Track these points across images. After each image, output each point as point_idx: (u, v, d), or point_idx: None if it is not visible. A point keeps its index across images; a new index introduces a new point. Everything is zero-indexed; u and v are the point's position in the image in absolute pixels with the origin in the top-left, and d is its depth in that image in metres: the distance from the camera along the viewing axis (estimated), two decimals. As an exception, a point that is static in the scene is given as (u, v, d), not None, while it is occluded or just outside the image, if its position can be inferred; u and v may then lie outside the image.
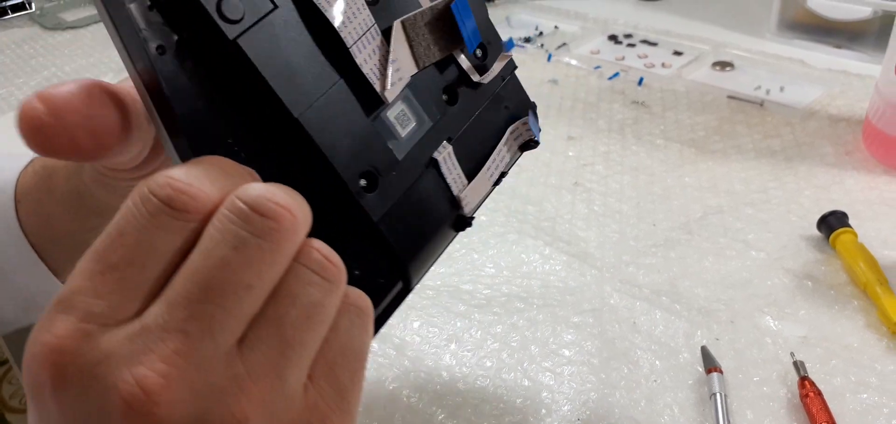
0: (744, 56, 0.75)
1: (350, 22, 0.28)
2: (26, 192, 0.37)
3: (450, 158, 0.30)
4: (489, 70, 0.31)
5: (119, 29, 0.25)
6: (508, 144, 0.32)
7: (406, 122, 0.30)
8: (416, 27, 0.30)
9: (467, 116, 0.31)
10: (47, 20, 0.97)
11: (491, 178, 0.31)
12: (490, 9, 0.93)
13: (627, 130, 0.63)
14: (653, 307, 0.44)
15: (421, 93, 0.30)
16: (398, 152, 0.29)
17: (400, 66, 0.29)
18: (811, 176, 0.55)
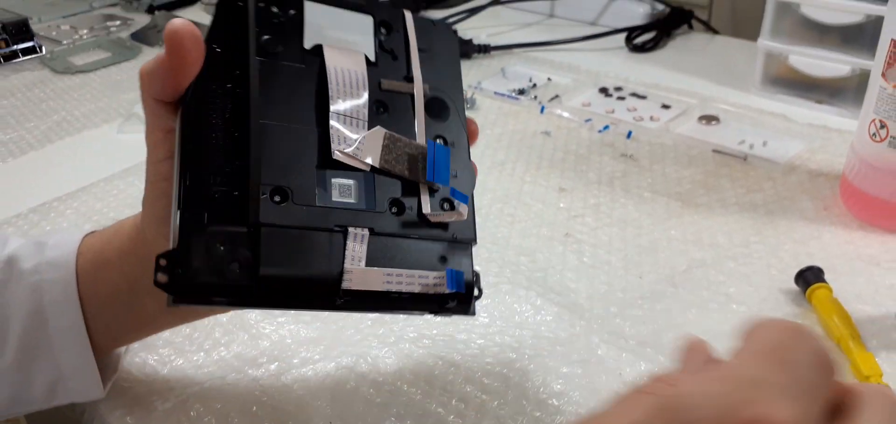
0: (729, 110, 0.79)
1: (342, 99, 0.34)
2: (83, 272, 0.40)
3: (361, 240, 0.33)
4: (441, 214, 0.35)
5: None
6: (419, 279, 0.34)
7: (346, 193, 0.34)
8: (395, 142, 0.35)
9: (400, 231, 0.34)
10: (57, 64, 1.00)
11: (386, 282, 0.33)
12: (485, 61, 0.96)
13: (616, 183, 0.66)
14: (638, 358, 0.46)
15: (375, 189, 0.34)
16: (319, 201, 0.33)
17: (361, 151, 0.34)
18: (791, 230, 0.58)
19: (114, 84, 0.94)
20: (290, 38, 0.35)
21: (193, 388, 0.44)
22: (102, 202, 0.65)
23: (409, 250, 0.34)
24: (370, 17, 0.37)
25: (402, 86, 0.36)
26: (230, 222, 0.31)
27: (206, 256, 0.30)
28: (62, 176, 0.71)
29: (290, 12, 0.35)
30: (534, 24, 1.13)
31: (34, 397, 0.41)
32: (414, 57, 0.37)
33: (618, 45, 1.01)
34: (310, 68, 0.35)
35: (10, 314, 0.39)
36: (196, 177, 0.32)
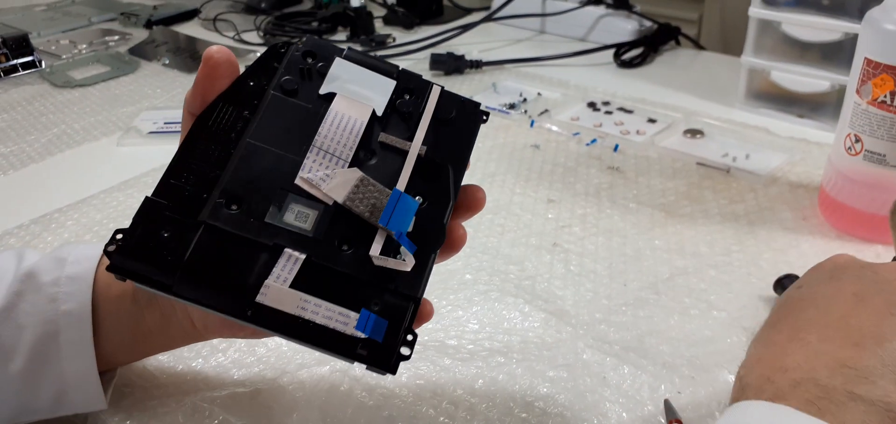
0: (713, 124, 0.81)
1: (329, 137, 0.37)
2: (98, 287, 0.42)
3: (294, 262, 0.33)
4: (385, 260, 0.34)
5: None
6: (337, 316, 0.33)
7: (302, 219, 0.35)
8: (367, 187, 0.36)
9: (343, 267, 0.33)
10: (57, 78, 1.01)
11: (299, 308, 0.32)
12: (477, 76, 0.99)
13: (603, 195, 0.68)
14: (621, 362, 0.48)
15: (331, 224, 0.35)
16: (269, 218, 0.35)
17: (327, 182, 0.35)
18: (771, 240, 0.60)
19: (113, 98, 0.95)
20: (310, 82, 0.38)
21: (192, 394, 0.46)
22: (102, 213, 0.67)
23: (343, 289, 0.33)
24: (393, 82, 0.39)
25: (397, 141, 0.37)
26: (185, 213, 0.34)
27: (147, 237, 0.34)
28: (62, 188, 0.72)
29: (319, 64, 0.39)
30: (525, 40, 1.15)
31: (39, 406, 0.42)
32: (423, 122, 0.38)
33: (606, 61, 1.04)
34: (316, 109, 0.38)
35: (25, 324, 0.40)
36: (176, 170, 0.35)
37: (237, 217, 0.34)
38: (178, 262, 0.33)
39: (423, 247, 0.35)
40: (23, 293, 0.41)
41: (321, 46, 0.40)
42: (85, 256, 0.43)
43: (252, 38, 1.18)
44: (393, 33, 1.17)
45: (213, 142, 0.36)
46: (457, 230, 0.38)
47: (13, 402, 0.41)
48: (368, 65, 0.39)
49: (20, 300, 0.41)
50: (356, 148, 0.37)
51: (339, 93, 0.38)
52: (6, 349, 0.40)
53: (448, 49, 1.04)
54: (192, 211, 0.34)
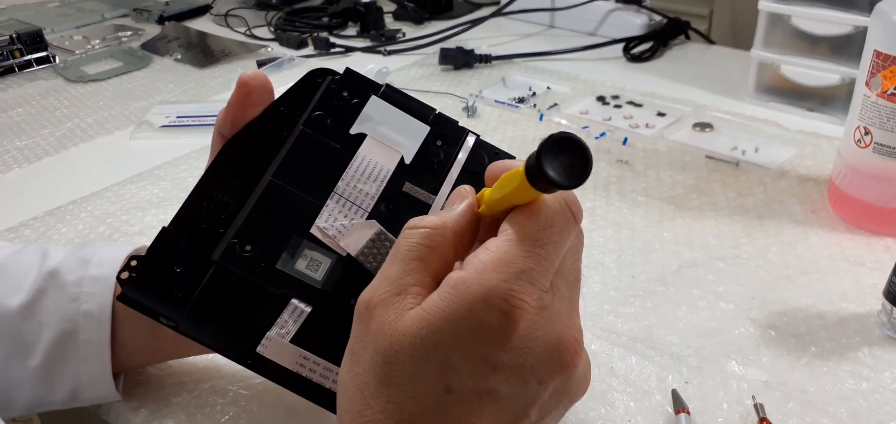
0: (723, 118, 0.81)
1: (351, 184, 0.36)
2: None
3: (299, 315, 0.34)
4: None
5: None
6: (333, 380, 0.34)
7: (313, 268, 0.35)
8: (383, 241, 0.35)
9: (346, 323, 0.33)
10: (70, 73, 1.03)
11: (298, 364, 0.34)
12: (487, 70, 0.99)
13: (612, 188, 0.68)
14: (629, 353, 0.48)
15: (342, 276, 0.35)
16: (280, 264, 0.34)
17: (342, 235, 0.35)
18: (780, 233, 0.60)
19: (125, 92, 0.96)
20: (341, 120, 0.37)
21: (206, 383, 0.46)
22: (115, 206, 0.68)
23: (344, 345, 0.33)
24: (427, 128, 0.37)
25: (420, 194, 0.37)
26: (199, 250, 0.35)
27: (161, 272, 0.34)
28: (76, 181, 0.73)
29: (354, 100, 0.37)
30: (534, 34, 1.15)
31: (55, 400, 0.43)
32: (451, 175, 0.37)
33: (616, 56, 1.04)
34: (344, 151, 0.36)
35: (46, 321, 0.41)
36: (196, 200, 0.35)
37: (249, 260, 0.34)
38: (186, 300, 0.34)
39: None
40: (46, 291, 0.42)
41: (359, 81, 0.38)
42: (109, 258, 0.43)
43: (263, 34, 1.19)
44: (403, 28, 1.17)
45: (236, 173, 0.36)
46: None
47: (29, 395, 0.42)
48: (404, 106, 0.38)
49: (43, 297, 0.42)
50: (379, 198, 0.36)
51: (369, 134, 0.37)
52: (26, 344, 0.41)
53: (458, 44, 1.04)
54: (207, 248, 0.34)
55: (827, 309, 0.51)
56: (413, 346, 0.27)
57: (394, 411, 0.27)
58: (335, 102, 0.37)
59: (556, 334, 0.28)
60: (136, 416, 0.44)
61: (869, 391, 0.44)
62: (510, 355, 0.27)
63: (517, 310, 0.27)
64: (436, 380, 0.27)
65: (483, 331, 0.27)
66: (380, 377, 0.27)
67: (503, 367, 0.27)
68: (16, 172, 0.77)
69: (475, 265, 0.27)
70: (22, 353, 0.41)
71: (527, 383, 0.27)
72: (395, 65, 1.02)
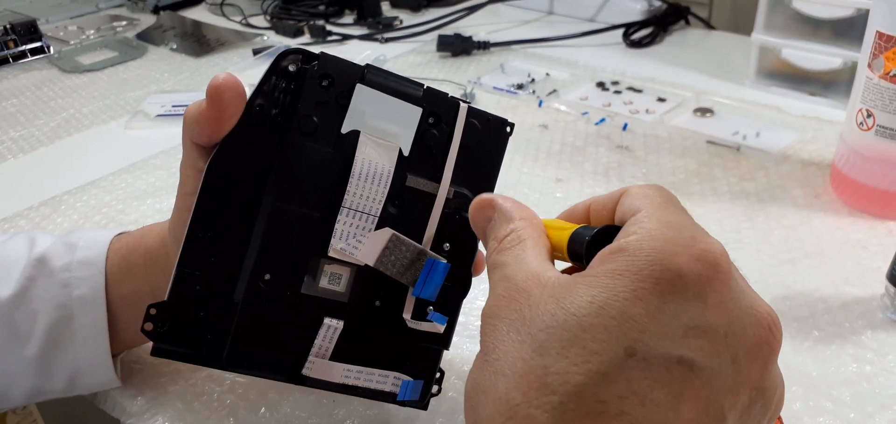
0: (724, 103, 0.80)
1: (358, 195, 0.35)
2: (110, 272, 0.42)
3: (333, 332, 0.35)
4: (419, 323, 0.36)
5: None
6: (379, 378, 0.36)
7: (335, 282, 0.35)
8: (399, 245, 0.35)
9: (376, 327, 0.35)
10: (65, 63, 1.02)
11: (343, 377, 0.35)
12: (485, 57, 0.98)
13: (612, 173, 0.68)
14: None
15: (364, 283, 0.35)
16: (305, 288, 0.34)
17: (357, 249, 0.35)
18: (782, 217, 0.60)
19: (120, 82, 0.96)
20: (329, 118, 0.34)
21: (202, 371, 0.46)
22: (111, 195, 0.67)
23: (379, 348, 0.36)
24: (419, 110, 0.35)
25: (426, 185, 0.36)
26: (218, 290, 0.34)
27: (186, 320, 0.34)
28: (71, 171, 0.72)
29: (338, 91, 0.34)
30: (533, 20, 1.14)
31: (54, 388, 0.42)
32: (450, 159, 0.36)
33: (615, 41, 1.03)
34: (339, 155, 0.34)
35: (39, 309, 0.41)
36: (197, 234, 0.34)
37: (273, 292, 0.34)
38: (221, 342, 0.34)
39: (451, 296, 0.37)
40: (35, 279, 0.41)
41: (338, 68, 0.34)
42: (95, 241, 0.43)
43: (259, 22, 1.18)
44: (400, 15, 1.16)
45: (231, 196, 0.34)
46: (476, 257, 0.39)
47: (27, 385, 0.42)
48: (391, 89, 0.35)
49: (33, 285, 0.41)
50: (386, 200, 0.35)
51: (362, 131, 0.34)
52: (21, 334, 0.41)
53: (455, 30, 1.03)
54: (224, 283, 0.34)
55: (830, 293, 0.51)
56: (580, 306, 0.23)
57: (557, 383, 0.22)
58: (319, 98, 0.34)
59: (752, 302, 0.24)
60: (133, 404, 0.44)
61: (872, 374, 0.44)
62: (707, 312, 0.23)
63: (719, 260, 0.23)
64: (614, 341, 0.22)
65: (676, 282, 0.22)
66: (537, 350, 0.23)
67: (696, 329, 0.22)
68: (11, 162, 0.76)
69: (648, 228, 0.24)
70: (17, 343, 0.41)
71: (720, 355, 0.23)
72: (392, 52, 1.02)
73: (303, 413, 0.42)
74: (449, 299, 0.37)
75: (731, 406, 0.23)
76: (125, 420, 0.44)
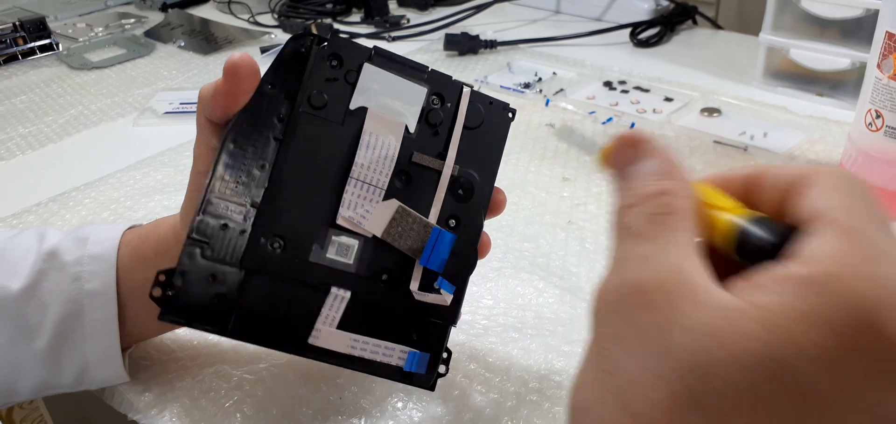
0: (731, 103, 0.80)
1: (365, 166, 0.36)
2: (121, 265, 0.43)
3: (340, 301, 0.35)
4: (426, 294, 0.36)
5: None
6: (385, 351, 0.36)
7: (343, 253, 0.35)
8: (405, 217, 0.36)
9: (386, 302, 0.36)
10: (74, 60, 1.02)
11: (350, 347, 0.35)
12: (492, 56, 0.98)
13: (619, 173, 0.67)
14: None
15: (373, 256, 0.36)
16: (313, 256, 0.35)
17: (366, 219, 0.35)
18: (789, 218, 0.60)
19: (129, 80, 0.96)
20: (339, 95, 0.36)
21: (210, 367, 0.46)
22: (119, 192, 0.68)
23: (386, 321, 0.36)
24: (425, 89, 0.37)
25: (431, 162, 0.37)
26: (228, 256, 0.34)
27: (196, 285, 0.34)
28: (80, 167, 0.73)
29: (347, 70, 0.36)
30: (539, 20, 1.14)
31: (62, 382, 0.43)
32: (455, 137, 0.37)
33: (622, 41, 1.03)
34: (347, 128, 0.36)
35: (49, 302, 0.41)
36: (210, 203, 0.35)
37: (282, 259, 0.35)
38: (229, 308, 0.34)
39: (458, 271, 0.37)
40: (46, 272, 0.41)
41: (347, 48, 0.37)
42: (107, 235, 0.43)
43: (267, 20, 1.18)
44: (407, 14, 1.16)
45: (242, 166, 0.35)
46: (482, 238, 0.39)
47: (36, 378, 0.42)
48: (398, 69, 0.37)
49: (43, 278, 0.41)
50: (392, 174, 0.36)
51: (370, 108, 0.36)
52: (31, 327, 0.41)
53: (462, 29, 1.03)
54: (236, 252, 0.34)
55: (837, 294, 0.50)
56: (750, 357, 0.17)
57: None
58: (328, 76, 0.36)
59: None
60: (140, 400, 0.44)
61: (880, 376, 0.44)
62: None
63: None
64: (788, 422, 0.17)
65: (887, 350, 0.16)
66: (680, 399, 0.17)
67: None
68: (20, 158, 0.76)
69: (850, 260, 0.18)
70: (27, 336, 0.41)
71: None
72: (399, 51, 1.01)
73: (310, 410, 0.43)
74: (455, 275, 0.37)
75: None
76: (132, 415, 0.44)
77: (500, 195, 0.40)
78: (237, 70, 0.35)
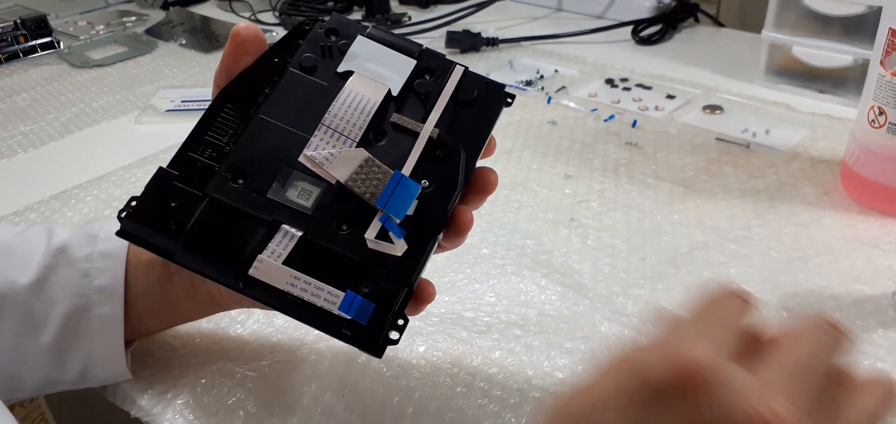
0: (733, 100, 0.80)
1: (339, 117, 0.36)
2: (130, 262, 0.43)
3: (289, 239, 0.34)
4: (379, 244, 0.34)
5: None
6: (326, 295, 0.33)
7: (304, 196, 0.35)
8: (371, 167, 0.35)
9: (337, 248, 0.34)
10: (75, 58, 1.02)
11: (289, 284, 0.33)
12: (494, 54, 0.98)
13: (621, 170, 0.67)
14: (640, 334, 0.47)
15: (332, 202, 0.35)
16: (271, 194, 0.35)
17: (329, 162, 0.35)
18: (792, 215, 0.59)
19: (130, 77, 0.96)
20: (330, 60, 0.38)
21: (213, 365, 0.46)
22: (121, 189, 0.68)
23: (335, 268, 0.34)
24: (413, 61, 0.38)
25: (409, 122, 0.37)
26: (195, 187, 0.36)
27: (156, 206, 0.35)
28: (81, 165, 0.73)
29: (341, 41, 0.39)
30: (541, 17, 1.14)
31: (66, 378, 0.42)
32: (439, 104, 0.38)
33: (624, 38, 1.02)
34: (332, 87, 0.37)
35: (57, 297, 0.41)
36: (192, 142, 0.37)
37: (241, 191, 0.35)
38: (180, 231, 0.35)
39: (423, 232, 0.35)
40: (55, 268, 0.41)
41: (345, 24, 0.40)
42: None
43: (268, 19, 1.18)
44: (408, 12, 1.16)
45: (230, 116, 0.37)
46: (463, 215, 0.36)
47: (40, 374, 0.42)
48: (390, 44, 0.39)
49: (53, 273, 0.41)
50: (366, 128, 0.36)
51: (356, 71, 0.38)
52: (38, 321, 0.41)
53: (464, 27, 1.03)
54: (201, 183, 0.35)
55: (840, 291, 0.50)
56: None
57: None
58: (323, 44, 0.39)
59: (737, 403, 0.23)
60: (142, 397, 0.44)
61: (884, 371, 0.44)
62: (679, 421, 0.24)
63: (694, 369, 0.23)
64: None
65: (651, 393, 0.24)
66: None
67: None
68: (21, 156, 0.76)
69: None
70: (33, 330, 0.41)
71: None
72: (400, 49, 1.01)
73: (312, 407, 0.43)
74: (417, 233, 0.34)
75: None
76: (135, 412, 0.44)
77: (491, 176, 0.37)
78: (241, 31, 0.38)
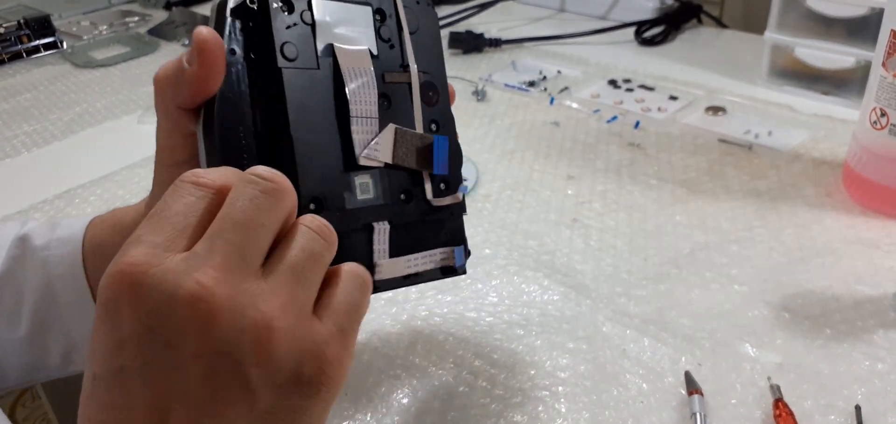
0: (735, 101, 0.80)
1: (358, 102, 0.36)
2: (97, 243, 0.42)
3: (384, 233, 0.37)
4: (442, 198, 0.39)
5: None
6: (430, 258, 0.39)
7: (365, 191, 0.37)
8: (404, 137, 0.38)
9: (412, 217, 0.38)
10: (78, 58, 1.02)
11: (407, 267, 0.38)
12: (496, 55, 0.98)
13: (624, 171, 0.67)
14: (642, 335, 0.47)
15: (388, 181, 0.37)
16: (348, 204, 0.36)
17: (378, 151, 0.37)
18: (794, 216, 0.60)
19: (133, 77, 0.96)
20: (303, 39, 0.36)
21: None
22: (124, 189, 0.68)
23: (420, 233, 0.38)
24: (369, 8, 0.39)
25: (401, 77, 0.39)
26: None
27: None
28: (85, 165, 0.73)
29: (301, 11, 0.36)
30: (544, 18, 1.14)
31: (51, 365, 0.43)
32: (408, 44, 0.39)
33: (627, 39, 1.03)
34: (324, 71, 0.36)
35: (24, 289, 0.41)
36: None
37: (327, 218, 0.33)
38: None
39: (453, 167, 0.39)
40: (17, 258, 0.42)
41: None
42: (76, 221, 0.43)
43: (270, 19, 1.18)
44: (411, 13, 1.16)
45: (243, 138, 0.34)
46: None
47: (22, 363, 0.42)
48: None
49: (17, 265, 0.42)
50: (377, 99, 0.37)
51: (335, 44, 0.36)
52: (10, 313, 0.42)
53: (467, 28, 1.03)
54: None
55: (842, 292, 0.50)
56: None
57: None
58: (288, 24, 0.35)
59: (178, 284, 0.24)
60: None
61: (884, 372, 0.44)
62: (125, 321, 0.24)
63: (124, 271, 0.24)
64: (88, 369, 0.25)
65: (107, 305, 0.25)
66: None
67: (123, 340, 0.24)
68: (25, 156, 0.77)
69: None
70: (7, 322, 0.41)
71: (151, 349, 0.24)
72: (403, 49, 1.02)
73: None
74: (453, 170, 0.40)
75: (184, 382, 0.24)
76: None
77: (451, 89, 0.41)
78: (210, 50, 0.31)
